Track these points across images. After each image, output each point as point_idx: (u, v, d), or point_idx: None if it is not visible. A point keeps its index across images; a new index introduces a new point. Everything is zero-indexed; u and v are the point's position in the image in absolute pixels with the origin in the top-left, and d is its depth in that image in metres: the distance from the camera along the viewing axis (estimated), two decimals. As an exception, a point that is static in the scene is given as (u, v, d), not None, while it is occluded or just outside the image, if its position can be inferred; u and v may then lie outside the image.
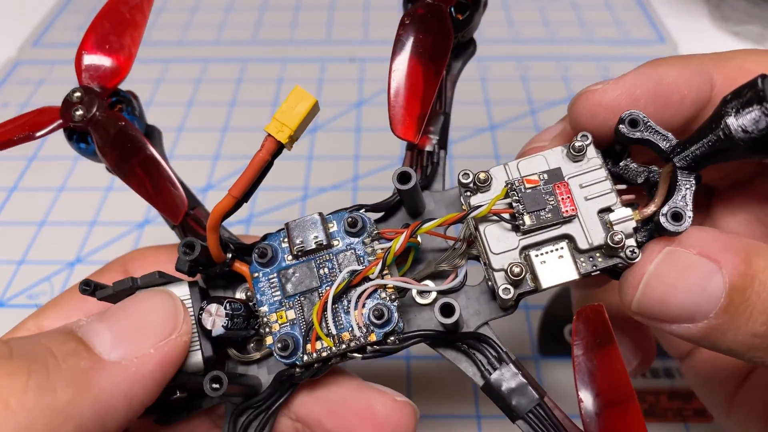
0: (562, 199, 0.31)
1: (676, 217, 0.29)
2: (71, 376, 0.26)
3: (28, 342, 0.27)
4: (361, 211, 0.35)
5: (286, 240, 0.34)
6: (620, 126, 0.31)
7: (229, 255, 0.34)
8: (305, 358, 0.32)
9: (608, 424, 0.28)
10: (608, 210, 0.32)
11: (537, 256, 0.32)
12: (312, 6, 0.99)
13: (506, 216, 0.32)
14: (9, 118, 0.80)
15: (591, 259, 0.32)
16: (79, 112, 0.36)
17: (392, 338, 0.32)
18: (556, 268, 0.31)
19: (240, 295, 0.36)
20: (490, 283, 0.33)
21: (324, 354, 0.32)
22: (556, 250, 0.32)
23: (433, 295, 0.34)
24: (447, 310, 0.31)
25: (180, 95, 0.83)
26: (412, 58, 0.35)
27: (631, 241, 0.31)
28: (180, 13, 0.96)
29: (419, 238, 0.35)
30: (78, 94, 0.37)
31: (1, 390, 0.24)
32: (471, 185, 0.33)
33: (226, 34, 0.93)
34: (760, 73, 0.27)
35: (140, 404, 0.29)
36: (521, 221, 0.31)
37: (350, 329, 0.32)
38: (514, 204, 0.32)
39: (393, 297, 0.32)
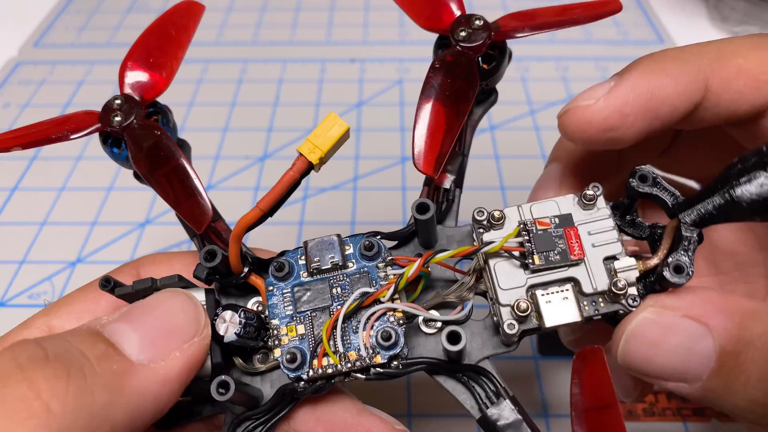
0: (571, 243, 0.33)
1: (678, 269, 0.31)
2: (106, 379, 0.27)
3: (60, 343, 0.27)
4: (376, 238, 0.36)
5: (303, 257, 0.36)
6: (630, 180, 0.33)
7: (247, 267, 0.36)
8: (310, 372, 0.33)
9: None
10: (613, 258, 0.33)
11: (543, 295, 0.33)
12: (312, 7, 1.00)
13: (516, 254, 0.33)
14: (10, 118, 0.83)
15: (594, 303, 0.33)
16: (118, 119, 0.38)
17: (396, 363, 0.33)
18: (560, 309, 0.33)
19: (252, 305, 0.37)
20: (495, 318, 0.34)
21: (329, 371, 0.33)
22: (562, 291, 0.33)
23: (439, 325, 0.35)
24: (454, 337, 0.32)
25: (180, 96, 0.84)
26: (438, 100, 0.37)
27: (633, 290, 0.32)
28: (181, 14, 0.99)
29: (430, 268, 0.36)
30: (118, 101, 0.38)
31: (42, 393, 0.24)
32: (485, 222, 0.35)
33: (226, 34, 0.94)
34: (765, 141, 0.29)
35: (166, 406, 0.30)
36: (531, 260, 0.33)
37: (357, 349, 0.33)
38: (525, 243, 0.33)
39: (401, 322, 0.34)
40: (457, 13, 0.40)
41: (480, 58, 0.39)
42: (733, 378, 0.29)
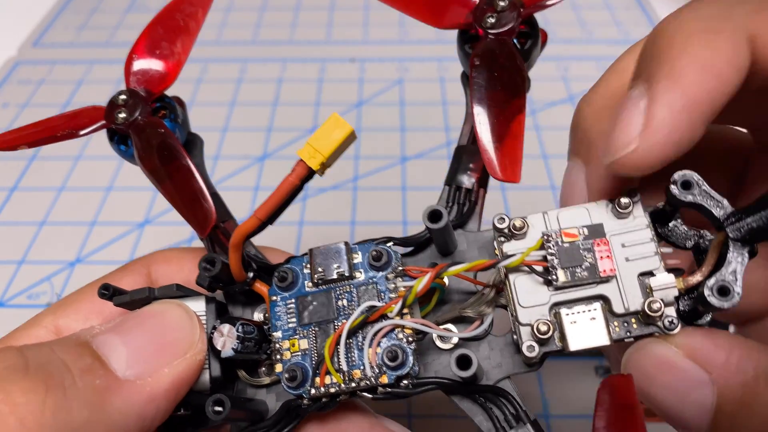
0: (601, 257, 0.30)
1: (723, 291, 0.27)
2: (87, 395, 0.25)
3: (43, 353, 0.26)
4: (389, 245, 0.34)
5: (308, 266, 0.33)
6: (671, 187, 0.29)
7: (251, 274, 0.34)
8: (312, 391, 0.31)
9: None
10: (650, 274, 0.29)
11: (568, 315, 0.30)
12: (312, 6, 0.98)
13: (539, 269, 0.30)
14: (9, 118, 0.83)
15: (626, 324, 0.29)
16: (122, 115, 0.36)
17: (405, 382, 0.31)
18: (586, 331, 0.29)
19: (258, 315, 0.35)
20: (515, 336, 0.31)
21: (332, 390, 0.31)
22: (589, 311, 0.30)
23: (455, 340, 0.33)
24: (464, 362, 0.29)
25: (180, 95, 0.82)
26: (492, 97, 0.33)
27: (671, 311, 0.29)
28: (180, 13, 0.97)
29: (446, 280, 0.33)
30: (123, 96, 0.37)
31: (18, 407, 0.23)
32: (506, 231, 0.31)
33: (226, 34, 0.93)
34: None
35: (152, 424, 0.28)
36: (554, 276, 0.30)
37: (362, 368, 0.31)
38: (549, 257, 0.30)
39: (410, 339, 0.31)
40: (475, 0, 0.36)
41: (515, 40, 0.35)
42: None
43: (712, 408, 0.25)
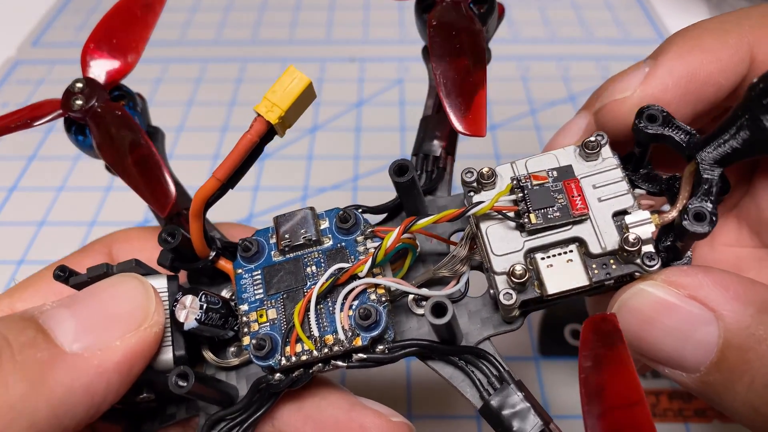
0: (573, 197, 0.29)
1: (699, 217, 0.26)
2: (26, 369, 0.24)
3: None
4: (358, 212, 0.33)
5: (274, 236, 0.32)
6: (637, 122, 0.29)
7: (214, 252, 0.32)
8: (283, 361, 0.29)
9: (614, 428, 0.24)
10: (624, 213, 0.29)
11: (543, 259, 0.29)
12: (312, 6, 0.98)
13: (510, 214, 0.29)
14: None
15: (604, 266, 0.28)
16: (79, 102, 0.35)
17: (381, 347, 0.29)
18: (564, 274, 0.28)
19: (225, 295, 0.34)
20: (492, 291, 0.30)
21: (304, 358, 0.29)
22: (565, 253, 0.29)
23: (431, 303, 0.31)
24: (438, 309, 0.28)
25: (180, 95, 0.82)
26: (452, 57, 0.33)
27: (649, 247, 0.28)
28: (180, 12, 0.96)
29: (417, 241, 0.32)
30: (80, 84, 0.36)
31: None
32: (474, 184, 0.31)
33: (225, 33, 0.93)
34: None
35: (103, 401, 0.26)
36: (526, 219, 0.29)
37: (335, 332, 0.29)
38: (519, 201, 0.29)
39: (383, 299, 0.29)
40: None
41: (471, 4, 0.35)
42: (735, 377, 0.24)
43: (717, 345, 0.25)
